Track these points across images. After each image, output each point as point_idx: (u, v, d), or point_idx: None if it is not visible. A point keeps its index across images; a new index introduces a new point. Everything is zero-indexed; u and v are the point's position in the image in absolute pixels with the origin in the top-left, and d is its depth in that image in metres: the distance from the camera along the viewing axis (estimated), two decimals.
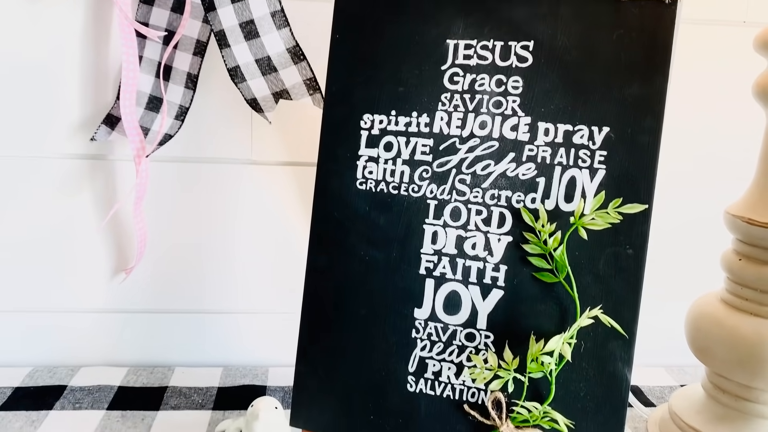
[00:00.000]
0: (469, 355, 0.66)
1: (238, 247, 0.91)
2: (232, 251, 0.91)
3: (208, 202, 0.89)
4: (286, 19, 0.75)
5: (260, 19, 0.74)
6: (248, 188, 0.89)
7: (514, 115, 0.65)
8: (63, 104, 0.84)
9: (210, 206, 0.89)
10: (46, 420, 0.77)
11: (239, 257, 0.91)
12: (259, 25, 0.74)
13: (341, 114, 0.69)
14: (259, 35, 0.74)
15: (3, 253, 0.87)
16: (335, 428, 0.71)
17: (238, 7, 0.74)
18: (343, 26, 0.69)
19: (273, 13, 0.74)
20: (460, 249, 0.66)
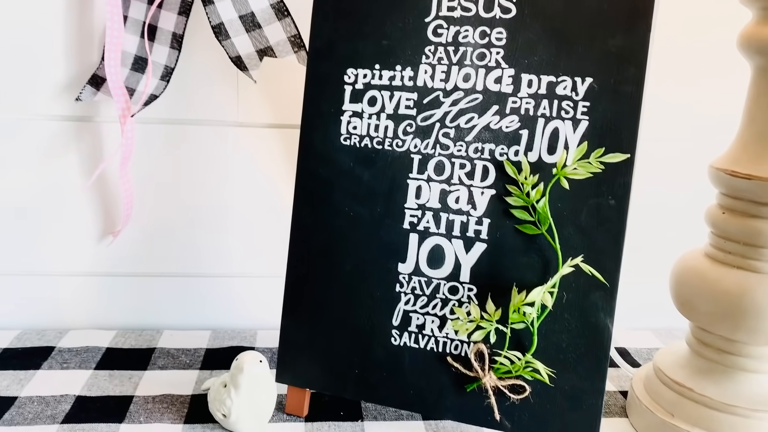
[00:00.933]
0: (453, 308, 0.66)
1: (225, 210, 0.91)
2: (220, 214, 0.91)
3: (195, 164, 0.89)
4: None
5: None
6: (235, 150, 0.89)
7: (498, 67, 0.64)
8: (48, 65, 0.83)
9: (197, 168, 0.89)
10: (33, 379, 0.77)
11: (227, 220, 0.91)
12: None
13: (325, 69, 0.69)
14: None
15: None
16: (321, 383, 0.71)
17: None
18: None
19: None
20: (443, 203, 0.66)
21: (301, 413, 0.72)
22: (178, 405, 0.73)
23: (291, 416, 0.73)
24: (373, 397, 0.70)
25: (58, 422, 0.69)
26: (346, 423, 0.72)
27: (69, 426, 0.69)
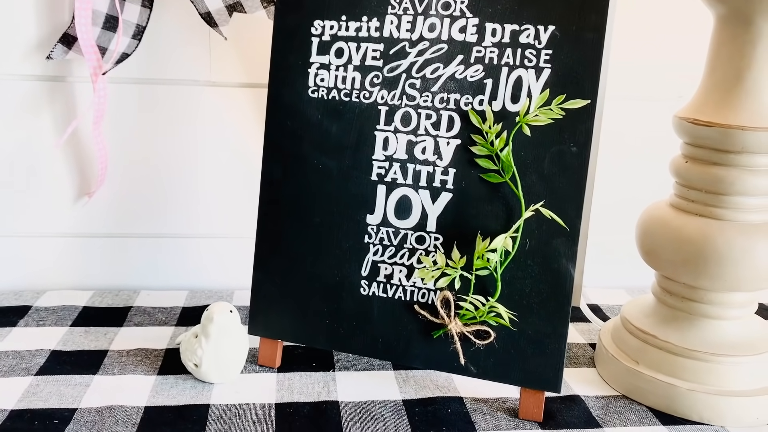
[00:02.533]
0: (420, 257, 0.67)
1: (199, 170, 0.91)
2: (194, 173, 0.91)
3: (169, 123, 0.89)
4: None
5: None
6: (207, 110, 0.89)
7: (463, 17, 0.65)
8: (18, 24, 0.83)
9: (170, 128, 0.89)
10: (9, 335, 0.78)
11: (201, 180, 0.92)
12: None
13: (292, 21, 0.69)
14: None
15: None
16: (292, 334, 0.72)
17: None
18: None
19: None
20: (410, 154, 0.67)
21: (273, 364, 0.74)
22: (152, 358, 0.74)
23: (264, 367, 0.74)
24: (344, 347, 0.71)
25: (32, 374, 0.70)
26: (318, 373, 0.73)
27: (43, 378, 0.70)
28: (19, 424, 0.62)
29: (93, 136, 0.84)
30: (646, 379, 0.69)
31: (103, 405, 0.65)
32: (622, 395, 0.71)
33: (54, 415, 0.63)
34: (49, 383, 0.69)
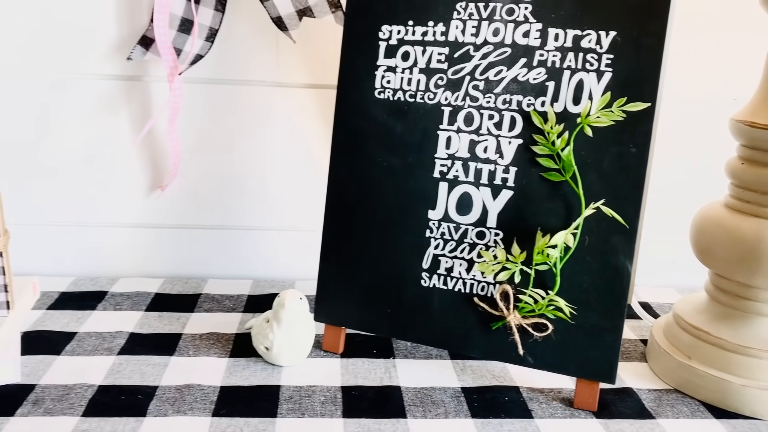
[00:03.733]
0: (480, 251, 0.70)
1: (265, 166, 0.96)
2: (260, 170, 0.96)
3: (237, 122, 0.94)
4: None
5: None
6: (275, 109, 0.94)
7: (526, 22, 0.68)
8: (100, 26, 0.89)
9: (238, 126, 0.94)
10: (90, 318, 0.84)
11: (267, 176, 0.96)
12: None
13: (361, 26, 0.73)
14: None
15: (47, 170, 0.93)
16: (355, 322, 0.76)
17: None
18: None
19: None
20: (472, 153, 0.70)
21: (337, 350, 0.78)
22: (224, 342, 0.79)
23: (328, 353, 0.78)
24: (405, 336, 0.75)
25: (115, 354, 0.75)
26: (379, 360, 0.77)
27: (124, 357, 0.75)
28: (107, 398, 0.67)
29: (168, 133, 0.89)
30: (698, 374, 0.71)
31: (182, 384, 0.70)
32: (674, 389, 0.73)
33: (138, 391, 0.68)
34: (130, 362, 0.74)
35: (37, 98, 0.90)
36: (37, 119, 0.91)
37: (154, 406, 0.66)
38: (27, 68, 0.89)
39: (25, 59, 0.89)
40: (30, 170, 0.93)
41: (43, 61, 0.89)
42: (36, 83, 0.90)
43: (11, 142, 0.91)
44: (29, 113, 0.91)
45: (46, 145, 0.92)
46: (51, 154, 0.93)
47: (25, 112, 0.91)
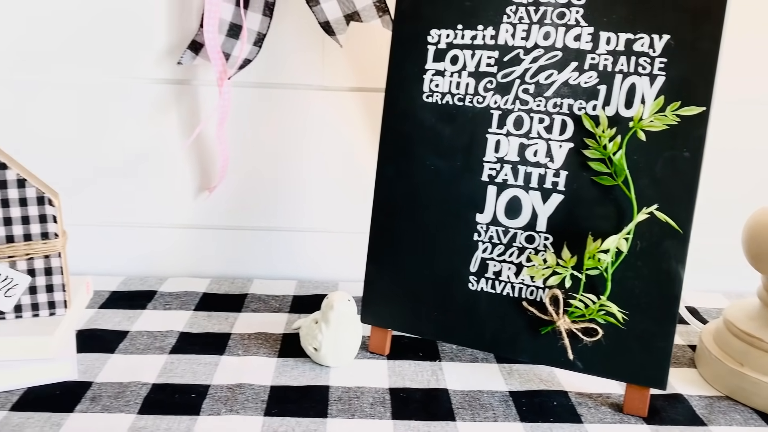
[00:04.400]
0: (529, 255, 0.70)
1: (310, 168, 0.97)
2: (305, 172, 0.97)
3: (283, 125, 0.95)
4: None
5: None
6: (319, 112, 0.95)
7: (577, 26, 0.67)
8: (151, 31, 0.91)
9: (284, 129, 0.95)
10: (141, 317, 0.86)
11: (312, 178, 0.97)
12: None
13: (409, 30, 0.73)
14: None
15: (98, 172, 0.95)
16: (402, 324, 0.77)
17: None
18: None
19: None
20: (522, 156, 0.70)
21: (383, 352, 0.78)
22: (272, 342, 0.80)
23: (374, 354, 0.78)
24: (452, 339, 0.75)
25: (167, 353, 0.77)
26: (426, 362, 0.77)
27: (176, 356, 0.76)
28: (162, 396, 0.69)
29: (217, 136, 0.90)
30: (751, 381, 0.70)
31: (234, 383, 0.71)
32: (725, 396, 0.72)
33: (191, 390, 0.70)
34: (182, 361, 0.75)
35: (90, 102, 0.93)
36: (90, 122, 0.93)
37: (207, 404, 0.67)
38: (81, 72, 0.91)
39: (80, 63, 0.91)
40: (81, 172, 0.95)
41: (96, 65, 0.91)
42: (89, 87, 0.92)
43: (64, 144, 0.94)
44: (83, 116, 0.93)
45: (98, 147, 0.94)
46: (103, 157, 0.95)
47: (79, 115, 0.93)
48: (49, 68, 0.91)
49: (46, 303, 0.73)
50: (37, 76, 0.91)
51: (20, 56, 0.90)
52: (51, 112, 0.93)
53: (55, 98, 0.92)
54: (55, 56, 0.91)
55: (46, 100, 0.92)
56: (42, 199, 0.70)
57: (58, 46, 0.90)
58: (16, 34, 0.89)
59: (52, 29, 0.90)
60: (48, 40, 0.90)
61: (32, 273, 0.71)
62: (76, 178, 0.95)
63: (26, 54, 0.90)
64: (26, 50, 0.90)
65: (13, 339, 0.69)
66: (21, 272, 0.71)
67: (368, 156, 0.96)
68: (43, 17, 0.89)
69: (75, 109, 0.93)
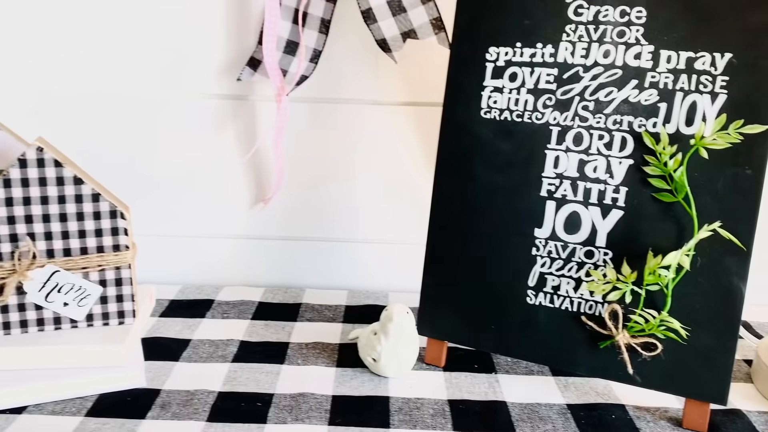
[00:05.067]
0: (588, 270, 0.71)
1: (362, 181, 0.99)
2: (357, 184, 0.99)
3: (336, 139, 0.97)
4: None
5: None
6: (372, 126, 0.97)
7: (637, 44, 0.68)
8: (210, 48, 0.94)
9: (337, 143, 0.97)
10: (201, 326, 0.88)
11: (363, 190, 0.99)
12: None
13: (468, 48, 0.75)
14: None
15: (157, 183, 0.98)
16: (459, 336, 0.78)
17: None
18: None
19: None
20: (581, 172, 0.71)
21: (439, 363, 0.80)
22: (329, 351, 0.82)
23: (430, 366, 0.80)
24: (509, 352, 0.76)
25: (229, 361, 0.79)
26: (481, 374, 0.78)
27: (238, 365, 0.79)
28: (228, 404, 0.71)
29: (273, 150, 0.93)
30: None
31: (296, 392, 0.73)
32: None
33: (256, 398, 0.72)
34: (244, 370, 0.78)
35: (153, 116, 0.96)
36: (150, 135, 0.96)
37: (273, 413, 0.69)
38: (145, 88, 0.95)
39: (143, 79, 0.94)
40: (141, 183, 0.99)
41: (159, 81, 0.94)
42: (150, 101, 0.95)
43: (125, 156, 0.97)
44: (144, 129, 0.96)
45: (158, 159, 0.97)
46: (161, 169, 0.98)
47: (140, 129, 0.96)
48: (112, 83, 0.94)
49: (115, 312, 0.75)
50: (101, 90, 0.94)
51: (84, 71, 0.94)
52: (112, 124, 0.96)
53: (118, 112, 0.95)
54: (118, 72, 0.94)
55: (109, 113, 0.95)
56: (115, 212, 0.72)
57: (122, 62, 0.94)
58: (81, 49, 0.93)
59: (115, 46, 0.93)
60: (111, 57, 0.93)
61: (103, 283, 0.74)
62: (135, 189, 0.98)
63: (90, 69, 0.94)
64: (91, 66, 0.94)
65: (87, 347, 0.72)
66: (93, 283, 0.74)
67: (419, 168, 0.98)
68: (106, 34, 0.92)
69: (136, 122, 0.96)
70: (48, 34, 0.92)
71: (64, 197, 0.70)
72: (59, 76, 0.94)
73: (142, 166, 0.98)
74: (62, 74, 0.94)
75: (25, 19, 0.92)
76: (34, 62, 0.93)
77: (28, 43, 0.93)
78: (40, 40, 0.92)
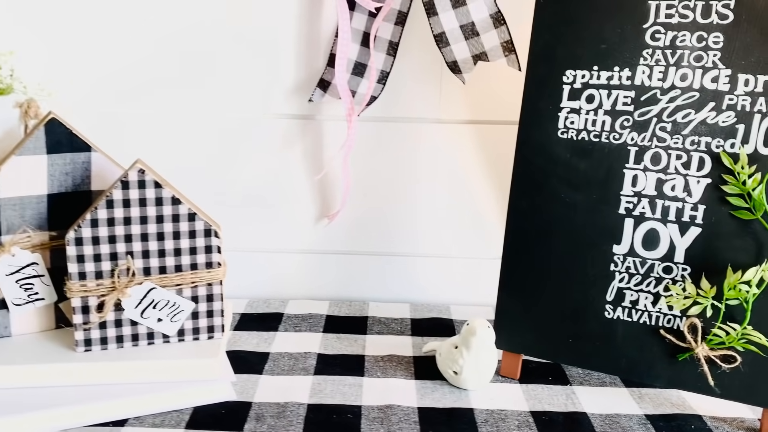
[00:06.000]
0: (667, 285, 0.74)
1: (424, 197, 1.02)
2: (419, 200, 1.02)
3: (400, 156, 1.00)
4: None
5: None
6: (434, 144, 0.99)
7: (715, 68, 0.71)
8: (281, 71, 0.97)
9: (401, 160, 1.00)
10: (276, 339, 0.91)
11: (425, 206, 1.02)
12: None
13: (544, 71, 0.78)
14: (465, 3, 0.84)
15: (229, 199, 1.01)
16: (535, 349, 0.80)
17: None
18: None
19: None
20: (659, 191, 0.74)
21: (515, 376, 0.82)
22: (405, 364, 0.85)
23: (506, 378, 0.82)
24: (587, 364, 0.78)
25: (311, 374, 0.82)
26: (557, 386, 0.81)
27: (321, 377, 0.81)
28: (320, 417, 0.73)
29: (342, 168, 0.96)
30: None
31: (383, 404, 0.76)
32: None
33: (346, 411, 0.74)
34: (328, 383, 0.80)
35: (225, 134, 0.99)
36: (222, 153, 1.00)
37: (365, 425, 0.72)
38: (219, 108, 0.98)
39: (217, 101, 0.97)
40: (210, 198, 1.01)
41: (232, 102, 0.98)
42: (225, 120, 0.98)
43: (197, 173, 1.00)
44: (216, 148, 0.99)
45: (229, 176, 1.01)
46: (231, 185, 1.01)
47: (213, 147, 0.99)
48: (189, 105, 0.97)
49: (206, 327, 0.78)
50: (179, 111, 0.98)
51: (165, 94, 0.97)
52: (187, 143, 0.99)
53: (192, 131, 0.99)
54: (195, 95, 0.97)
55: (184, 132, 0.99)
56: (209, 231, 0.75)
57: (198, 86, 0.97)
58: (161, 73, 0.96)
59: (192, 71, 0.96)
60: (189, 81, 0.97)
61: (195, 299, 0.77)
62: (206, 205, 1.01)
63: (170, 92, 0.97)
64: (170, 89, 0.97)
65: (183, 361, 0.75)
66: (186, 299, 0.76)
67: (479, 185, 1.01)
68: (185, 61, 0.96)
69: (209, 141, 0.99)
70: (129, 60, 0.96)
71: (162, 217, 0.73)
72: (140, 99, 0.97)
73: (213, 181, 1.01)
74: (142, 97, 0.97)
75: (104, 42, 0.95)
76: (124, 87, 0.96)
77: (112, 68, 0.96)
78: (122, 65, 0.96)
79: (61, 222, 0.76)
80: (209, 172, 1.00)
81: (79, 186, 0.76)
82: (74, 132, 0.75)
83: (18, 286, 0.76)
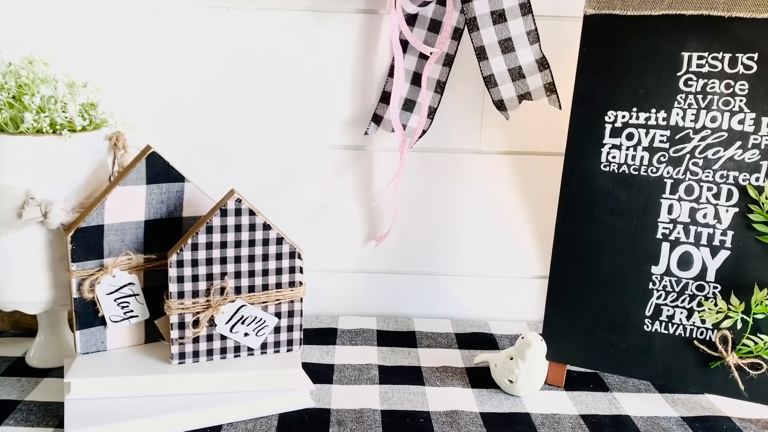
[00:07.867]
0: (700, 301, 0.83)
1: (464, 222, 1.11)
2: (459, 225, 1.11)
3: (442, 184, 1.09)
4: (537, 36, 0.94)
5: (517, 37, 0.93)
6: (475, 173, 1.09)
7: (741, 112, 0.82)
8: (336, 106, 1.06)
9: (443, 188, 1.09)
10: (336, 352, 0.99)
11: (465, 230, 1.11)
12: (515, 41, 0.93)
13: (588, 111, 0.88)
14: (514, 49, 0.94)
15: (285, 222, 1.09)
16: (581, 360, 0.90)
17: (498, 28, 0.93)
18: (589, 41, 0.87)
19: (528, 32, 0.93)
20: (692, 218, 0.84)
21: (560, 384, 0.91)
22: (459, 375, 0.93)
23: (552, 386, 0.91)
24: (628, 372, 0.88)
25: (377, 383, 0.90)
26: (599, 393, 0.90)
27: (386, 386, 0.89)
28: (395, 421, 0.81)
29: (393, 195, 1.05)
30: None
31: (449, 409, 0.84)
32: None
33: (416, 416, 0.83)
34: (394, 391, 0.88)
35: (284, 163, 1.07)
36: (282, 180, 1.08)
37: (437, 427, 0.80)
38: (281, 138, 1.06)
39: (279, 131, 1.06)
40: None
41: (293, 132, 1.06)
42: (285, 150, 1.07)
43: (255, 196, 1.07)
44: (277, 174, 1.08)
45: (286, 200, 1.09)
46: (287, 209, 1.09)
47: (274, 174, 1.08)
48: (255, 137, 1.06)
49: (285, 341, 0.86)
50: (247, 143, 1.06)
51: (234, 128, 1.05)
52: (250, 170, 1.07)
53: (256, 159, 1.07)
54: (260, 127, 1.05)
55: (250, 161, 1.07)
56: (294, 253, 0.83)
57: (263, 120, 1.05)
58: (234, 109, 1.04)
59: (260, 106, 1.05)
60: (254, 115, 1.05)
61: (279, 315, 0.85)
62: None
63: (238, 125, 1.05)
64: (239, 121, 1.05)
65: (269, 372, 0.82)
66: (270, 315, 0.84)
67: (515, 211, 1.10)
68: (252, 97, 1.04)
69: (270, 168, 1.07)
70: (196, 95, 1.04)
71: (254, 241, 0.81)
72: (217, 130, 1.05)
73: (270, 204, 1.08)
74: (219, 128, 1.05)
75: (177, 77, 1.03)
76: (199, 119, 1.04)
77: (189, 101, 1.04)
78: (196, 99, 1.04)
79: (155, 245, 0.84)
80: (265, 195, 1.08)
81: (172, 213, 0.84)
82: (170, 164, 0.82)
83: (116, 304, 0.83)
